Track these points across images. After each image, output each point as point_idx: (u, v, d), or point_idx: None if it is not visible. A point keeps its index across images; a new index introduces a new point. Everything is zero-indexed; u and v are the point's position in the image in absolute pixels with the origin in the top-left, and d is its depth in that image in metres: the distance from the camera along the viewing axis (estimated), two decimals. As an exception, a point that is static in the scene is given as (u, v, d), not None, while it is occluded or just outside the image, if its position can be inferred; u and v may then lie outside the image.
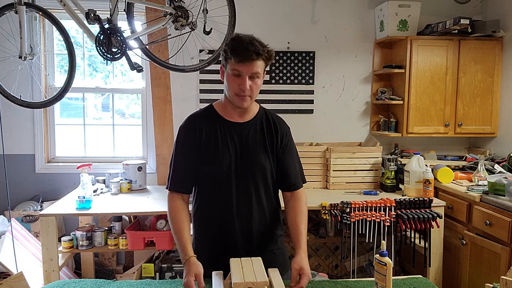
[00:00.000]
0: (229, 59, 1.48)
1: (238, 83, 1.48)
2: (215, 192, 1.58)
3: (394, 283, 1.49)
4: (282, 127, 1.65)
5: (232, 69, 1.48)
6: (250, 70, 1.46)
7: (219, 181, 1.56)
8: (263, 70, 1.52)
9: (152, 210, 2.61)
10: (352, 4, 3.46)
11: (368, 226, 2.54)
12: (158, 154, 3.30)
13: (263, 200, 1.60)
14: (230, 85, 1.51)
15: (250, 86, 1.48)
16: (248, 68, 1.46)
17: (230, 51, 1.46)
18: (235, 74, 1.48)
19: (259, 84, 1.52)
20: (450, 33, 3.18)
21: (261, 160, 1.58)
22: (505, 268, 2.27)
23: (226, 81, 1.53)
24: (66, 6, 2.35)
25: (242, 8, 3.13)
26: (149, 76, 3.27)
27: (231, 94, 1.52)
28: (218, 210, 1.58)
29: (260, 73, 1.49)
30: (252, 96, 1.52)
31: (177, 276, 2.85)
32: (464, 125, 3.27)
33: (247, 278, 1.26)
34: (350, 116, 3.56)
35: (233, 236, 1.57)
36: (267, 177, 1.60)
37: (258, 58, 1.45)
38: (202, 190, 1.61)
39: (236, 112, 1.59)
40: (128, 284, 1.53)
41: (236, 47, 1.45)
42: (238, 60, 1.45)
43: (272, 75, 3.42)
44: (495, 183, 2.50)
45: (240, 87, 1.48)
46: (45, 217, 2.49)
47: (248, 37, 1.47)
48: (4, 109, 2.98)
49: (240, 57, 1.44)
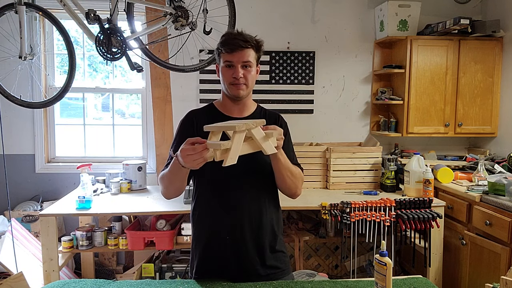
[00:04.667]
0: (221, 53, 1.54)
1: (231, 73, 1.52)
2: (213, 188, 1.57)
3: (394, 283, 1.49)
4: (279, 120, 1.68)
5: (224, 61, 1.54)
6: (241, 59, 1.51)
7: (217, 176, 1.56)
8: (255, 60, 1.56)
9: (152, 210, 2.61)
10: (352, 4, 3.46)
11: (368, 226, 2.54)
12: (158, 154, 3.30)
13: (263, 195, 1.60)
14: (224, 77, 1.55)
15: (244, 75, 1.52)
16: (239, 57, 1.51)
17: (221, 44, 1.54)
18: (228, 65, 1.53)
19: (253, 74, 1.56)
20: (450, 33, 3.18)
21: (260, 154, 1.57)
22: (505, 268, 2.27)
23: (221, 75, 1.58)
24: (66, 6, 2.35)
25: (242, 8, 3.13)
26: (149, 76, 3.27)
27: (227, 85, 1.56)
28: (217, 206, 1.57)
29: (252, 62, 1.53)
30: (247, 84, 1.55)
31: (177, 276, 2.85)
32: (464, 125, 3.27)
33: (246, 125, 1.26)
34: (350, 116, 3.56)
35: (232, 233, 1.56)
36: (267, 172, 1.60)
37: (247, 46, 1.51)
38: (200, 187, 1.61)
39: (235, 109, 1.62)
40: (128, 284, 1.53)
41: (225, 39, 1.53)
42: (229, 50, 1.51)
43: (272, 75, 3.43)
44: (495, 183, 2.50)
45: (233, 76, 1.52)
46: (45, 217, 2.49)
47: (237, 31, 1.56)
48: (4, 109, 2.99)
49: (230, 47, 1.50)
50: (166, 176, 1.50)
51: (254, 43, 1.53)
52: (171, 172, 1.46)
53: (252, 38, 1.54)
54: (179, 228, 2.74)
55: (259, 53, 1.57)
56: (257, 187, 1.59)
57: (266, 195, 1.61)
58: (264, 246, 1.59)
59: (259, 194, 1.59)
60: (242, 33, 1.55)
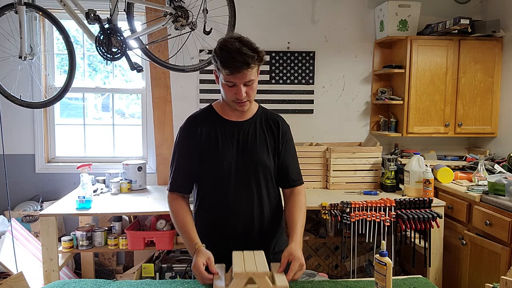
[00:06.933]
0: (220, 69, 1.46)
1: (234, 92, 1.48)
2: (216, 191, 1.58)
3: (394, 283, 1.49)
4: (282, 124, 1.66)
5: (225, 80, 1.47)
6: (243, 80, 1.46)
7: (220, 180, 1.56)
8: (257, 72, 1.51)
9: (152, 210, 2.61)
10: (352, 4, 3.46)
11: (368, 226, 2.54)
12: (158, 154, 3.30)
13: (264, 199, 1.60)
14: (226, 94, 1.52)
15: (247, 92, 1.49)
16: (241, 79, 1.45)
17: (220, 62, 1.43)
18: (230, 85, 1.48)
19: (255, 87, 1.52)
20: (450, 33, 3.18)
21: (262, 157, 1.58)
22: (505, 268, 2.27)
23: (221, 88, 1.53)
24: (66, 6, 2.35)
25: (242, 8, 3.13)
26: (149, 76, 3.27)
27: (229, 101, 1.53)
28: (220, 209, 1.58)
29: (254, 79, 1.49)
30: (250, 99, 1.53)
31: (177, 276, 2.85)
32: (464, 125, 3.27)
33: (248, 268, 1.26)
34: (350, 116, 3.56)
35: (234, 235, 1.57)
36: (268, 175, 1.60)
37: (249, 67, 1.42)
38: (203, 190, 1.61)
39: (235, 112, 1.60)
40: (128, 284, 1.53)
41: (225, 58, 1.42)
42: (230, 72, 1.43)
43: (272, 75, 3.42)
44: (495, 183, 2.49)
45: (236, 96, 1.48)
46: (45, 217, 2.48)
47: (236, 46, 1.41)
48: (4, 109, 2.98)
49: (231, 70, 1.42)
50: (175, 225, 1.57)
51: (256, 61, 1.44)
52: (179, 234, 1.57)
53: (254, 56, 1.42)
54: (179, 228, 2.73)
55: (261, 63, 1.49)
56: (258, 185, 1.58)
57: (268, 193, 1.61)
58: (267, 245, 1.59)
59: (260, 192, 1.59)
60: (242, 49, 1.40)
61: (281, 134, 1.63)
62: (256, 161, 1.57)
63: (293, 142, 1.69)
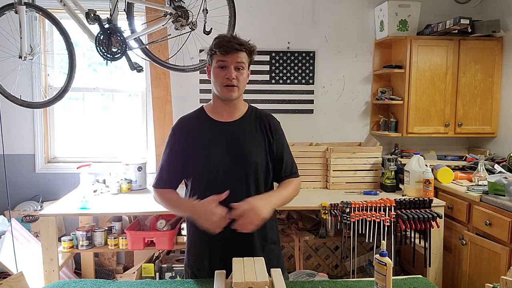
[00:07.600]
0: (214, 54, 1.56)
1: (224, 74, 1.54)
2: (207, 192, 1.56)
3: (394, 283, 1.49)
4: (272, 121, 1.67)
5: (217, 61, 1.55)
6: (234, 60, 1.53)
7: (210, 180, 1.57)
8: (247, 63, 1.58)
9: (152, 210, 2.61)
10: (352, 4, 3.46)
11: (368, 226, 2.54)
12: (158, 154, 3.30)
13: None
14: (216, 78, 1.56)
15: (236, 77, 1.54)
16: (232, 58, 1.53)
17: (215, 46, 1.55)
18: (221, 66, 1.54)
19: (244, 76, 1.58)
20: (450, 33, 3.18)
21: (252, 157, 1.58)
22: (505, 268, 2.27)
23: (212, 75, 1.59)
24: (66, 6, 2.35)
25: (242, 8, 3.12)
26: (149, 76, 3.27)
27: (219, 87, 1.56)
28: None
29: (244, 64, 1.55)
30: (239, 87, 1.56)
31: (177, 276, 2.85)
32: (464, 125, 3.27)
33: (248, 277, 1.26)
34: (350, 116, 3.56)
35: (226, 236, 1.55)
36: (258, 174, 1.60)
37: (241, 48, 1.53)
38: (193, 191, 1.61)
39: (225, 111, 1.62)
40: (128, 284, 1.53)
41: (219, 41, 1.55)
42: (223, 52, 1.52)
43: (272, 75, 3.42)
44: (495, 183, 2.50)
45: (226, 77, 1.53)
46: (45, 217, 2.49)
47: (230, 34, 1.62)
48: (4, 109, 2.98)
49: (224, 48, 1.52)
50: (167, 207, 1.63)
51: (248, 47, 1.56)
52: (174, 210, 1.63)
53: (246, 42, 1.56)
54: (179, 228, 2.74)
55: (251, 57, 1.59)
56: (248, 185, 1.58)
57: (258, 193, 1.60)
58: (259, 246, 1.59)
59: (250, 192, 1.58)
60: (236, 36, 1.57)
61: (273, 131, 1.64)
62: (246, 161, 1.57)
63: (285, 137, 1.71)
